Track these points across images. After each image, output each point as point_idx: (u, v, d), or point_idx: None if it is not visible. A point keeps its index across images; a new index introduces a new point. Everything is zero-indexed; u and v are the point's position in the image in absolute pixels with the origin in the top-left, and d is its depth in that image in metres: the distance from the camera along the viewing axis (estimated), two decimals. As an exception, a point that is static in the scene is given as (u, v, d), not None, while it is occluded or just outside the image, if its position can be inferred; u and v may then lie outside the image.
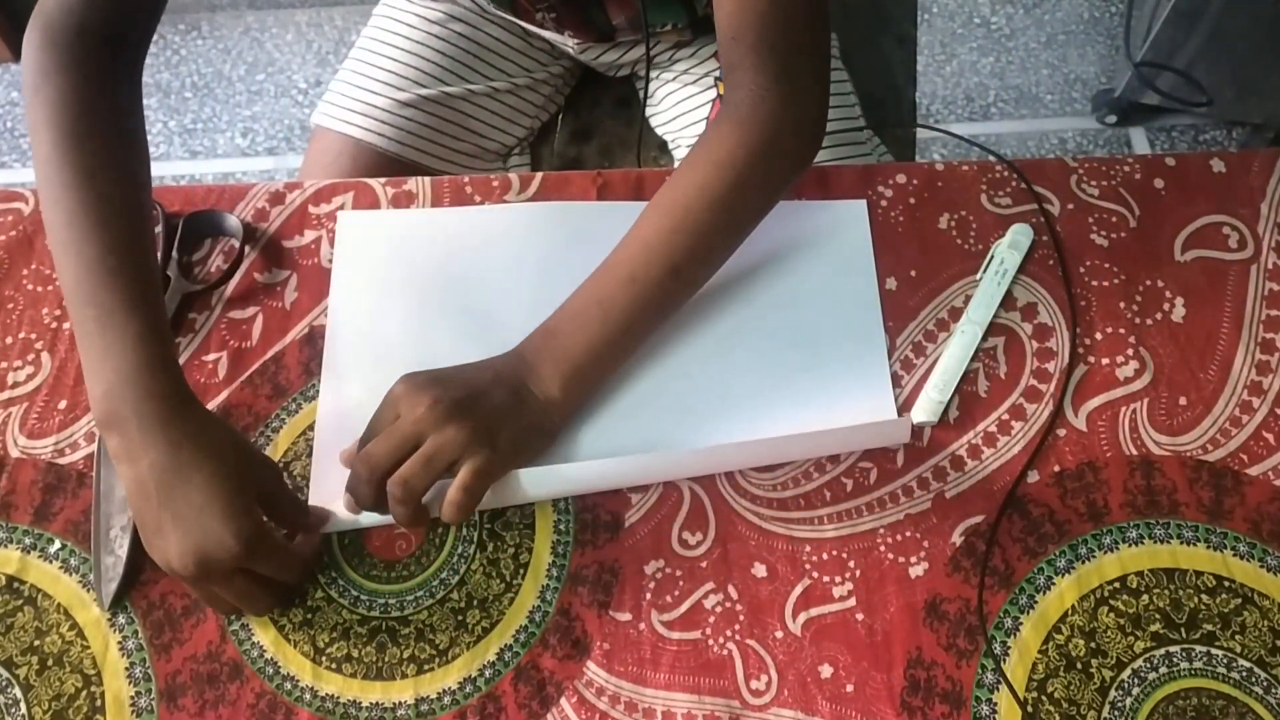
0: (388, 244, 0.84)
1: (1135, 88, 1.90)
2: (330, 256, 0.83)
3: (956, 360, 0.77)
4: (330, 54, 2.12)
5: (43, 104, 0.71)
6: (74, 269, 0.68)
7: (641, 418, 0.77)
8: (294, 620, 0.70)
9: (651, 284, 0.74)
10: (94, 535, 0.72)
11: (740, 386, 0.78)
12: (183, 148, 2.01)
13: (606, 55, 1.06)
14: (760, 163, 0.75)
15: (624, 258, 0.75)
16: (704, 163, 0.75)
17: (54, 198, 0.70)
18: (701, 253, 0.76)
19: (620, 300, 0.74)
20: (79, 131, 0.71)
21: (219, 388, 0.78)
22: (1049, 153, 1.97)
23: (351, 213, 0.85)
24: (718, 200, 0.74)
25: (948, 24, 2.13)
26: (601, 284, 0.75)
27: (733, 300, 0.81)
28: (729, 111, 0.76)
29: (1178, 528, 0.72)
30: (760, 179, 0.76)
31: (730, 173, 0.74)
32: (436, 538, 0.73)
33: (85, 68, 0.72)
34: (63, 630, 0.70)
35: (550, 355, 0.74)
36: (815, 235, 0.84)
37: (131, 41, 0.77)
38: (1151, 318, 0.79)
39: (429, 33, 1.03)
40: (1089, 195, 0.84)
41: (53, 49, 0.72)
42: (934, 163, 0.86)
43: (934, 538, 0.72)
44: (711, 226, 0.75)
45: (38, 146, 0.71)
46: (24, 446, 0.76)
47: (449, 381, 0.72)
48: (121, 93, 0.75)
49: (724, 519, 0.73)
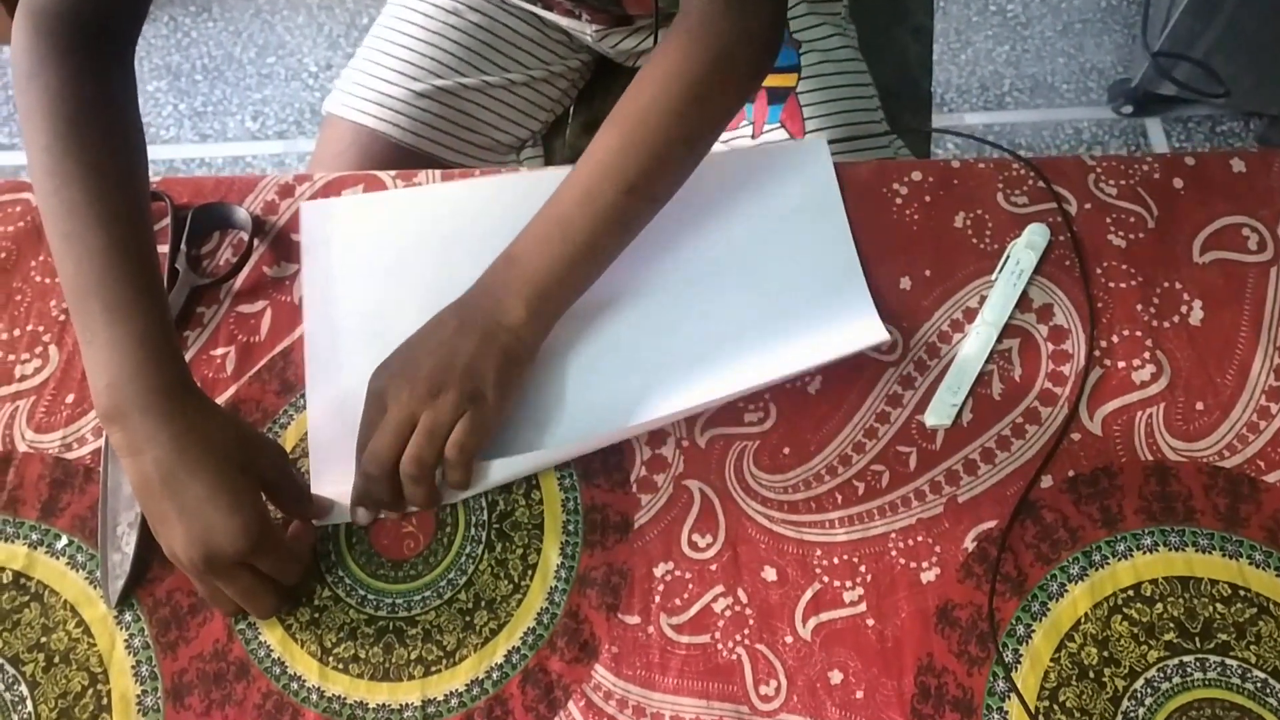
0: (354, 230, 0.84)
1: (1152, 78, 1.88)
2: (302, 257, 0.83)
3: (971, 362, 0.77)
4: (341, 37, 2.11)
5: (37, 94, 0.71)
6: (74, 262, 0.68)
7: (622, 376, 0.77)
8: (301, 620, 0.70)
9: (607, 202, 0.74)
10: (101, 532, 0.72)
11: (724, 334, 0.78)
12: (193, 131, 2.01)
13: (625, 42, 1.05)
14: (714, 75, 0.75)
15: (580, 177, 0.75)
16: (656, 77, 0.75)
17: (53, 188, 0.69)
18: (657, 168, 0.75)
19: (578, 220, 0.74)
20: (76, 122, 0.70)
21: (227, 383, 0.78)
22: (1064, 142, 1.95)
23: (313, 202, 0.85)
24: (671, 114, 0.74)
25: (963, 11, 2.11)
26: (560, 204, 0.75)
27: (705, 247, 0.82)
28: (681, 25, 0.75)
29: (1193, 535, 0.71)
30: (715, 92, 0.76)
31: (684, 86, 0.74)
32: (445, 537, 0.73)
33: (78, 57, 0.72)
34: (69, 627, 0.70)
35: (513, 282, 0.74)
36: (779, 176, 0.84)
37: (123, 29, 0.76)
38: (1169, 320, 0.78)
39: (445, 22, 1.02)
40: (1107, 195, 0.83)
41: (44, 38, 0.72)
42: (950, 160, 0.85)
43: (946, 543, 0.71)
44: (666, 141, 0.75)
45: (33, 137, 0.71)
46: (31, 440, 0.76)
47: (418, 353, 0.72)
48: (115, 81, 0.75)
49: (734, 521, 0.72)
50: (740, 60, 0.76)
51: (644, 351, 0.78)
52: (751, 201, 0.84)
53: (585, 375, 0.78)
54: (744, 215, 0.83)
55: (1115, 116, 1.97)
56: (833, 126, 0.96)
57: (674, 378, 0.77)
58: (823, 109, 0.96)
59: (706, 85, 0.75)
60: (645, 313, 0.80)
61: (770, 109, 0.96)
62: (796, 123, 0.95)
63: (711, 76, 0.75)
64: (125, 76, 0.75)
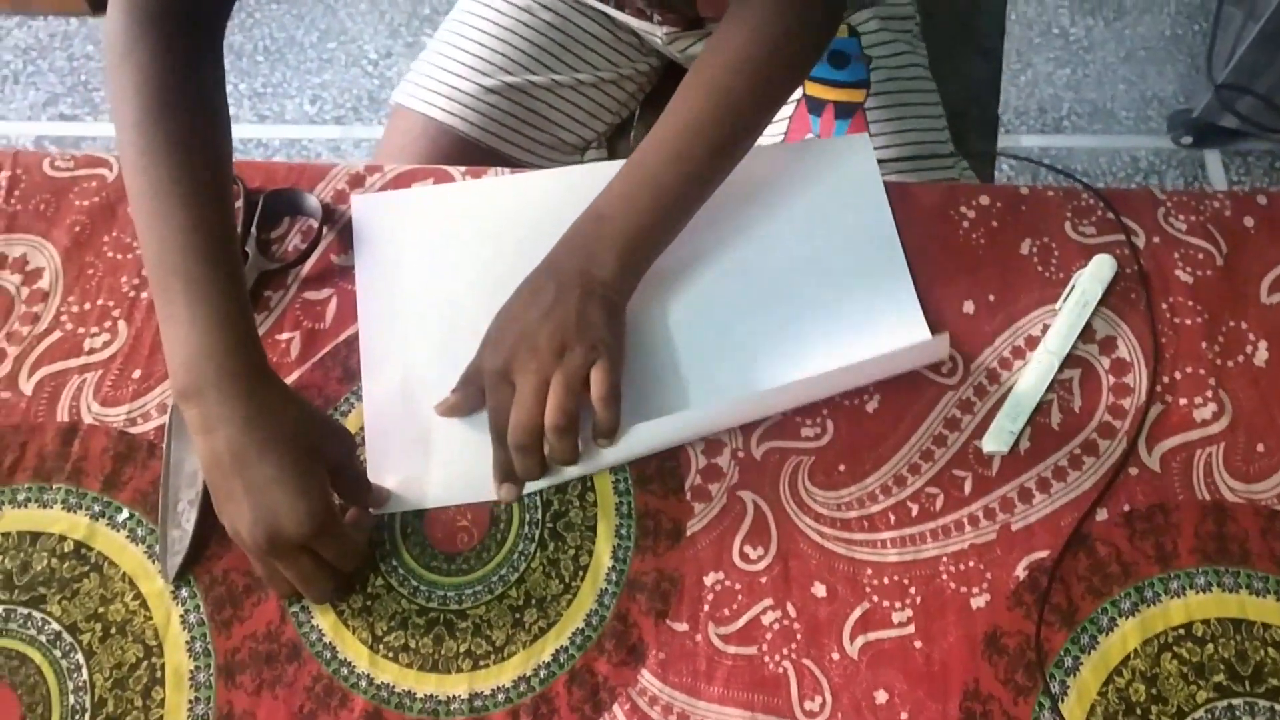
0: (406, 223, 0.85)
1: (1214, 110, 1.86)
2: (355, 250, 0.84)
3: (1031, 390, 0.76)
4: (402, 26, 2.13)
5: (130, 74, 0.72)
6: (159, 239, 0.69)
7: (679, 371, 0.79)
8: (353, 606, 0.71)
9: (697, 162, 0.78)
10: (161, 508, 0.73)
11: (770, 329, 0.80)
12: (251, 111, 2.03)
13: (694, 47, 1.05)
14: (793, 38, 0.79)
15: (669, 136, 0.78)
16: (739, 43, 0.78)
17: (140, 166, 0.71)
18: (742, 129, 0.80)
19: (666, 178, 0.77)
20: (166, 103, 0.72)
21: (291, 367, 0.79)
22: (1120, 170, 1.93)
23: (366, 195, 0.86)
24: (755, 76, 0.78)
25: (1025, 32, 2.10)
26: (647, 164, 0.78)
27: (749, 236, 0.83)
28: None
29: (1248, 577, 0.71)
30: (793, 52, 0.80)
31: (765, 53, 0.78)
32: (498, 533, 0.73)
33: (170, 39, 0.73)
34: (127, 599, 0.71)
35: (605, 239, 0.76)
36: (821, 171, 0.86)
37: (213, 13, 0.78)
38: (1233, 360, 0.78)
39: (517, 19, 1.03)
40: (1176, 230, 0.83)
41: (138, 20, 0.73)
42: (1019, 187, 0.85)
43: (997, 570, 0.71)
44: (750, 103, 0.79)
45: (123, 115, 0.72)
46: (97, 413, 0.77)
47: (527, 323, 0.74)
48: (205, 66, 0.76)
49: (786, 535, 0.73)
50: (817, 19, 0.80)
51: (695, 349, 0.80)
52: (795, 192, 0.85)
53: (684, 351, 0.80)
54: (788, 206, 0.85)
55: (1174, 147, 1.96)
56: (899, 145, 0.96)
57: (718, 385, 0.78)
58: (890, 126, 0.96)
59: (787, 46, 0.79)
60: (704, 298, 0.82)
61: (837, 123, 0.96)
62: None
63: (791, 38, 0.79)
64: (215, 60, 0.77)
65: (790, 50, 0.79)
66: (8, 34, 2.13)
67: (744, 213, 0.84)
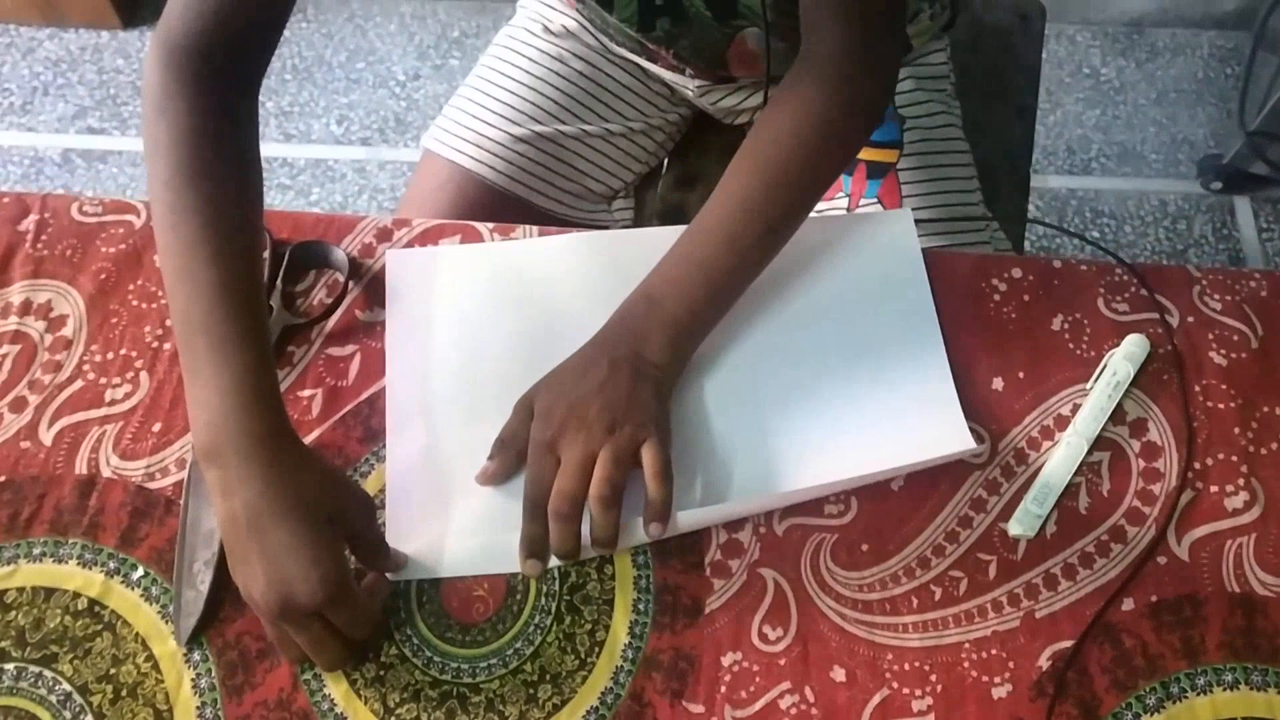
0: (439, 281, 0.84)
1: (1245, 156, 1.84)
2: (387, 306, 0.84)
3: (1059, 473, 0.75)
4: (431, 48, 2.13)
5: (165, 128, 0.72)
6: (186, 296, 0.69)
7: (713, 454, 0.78)
8: (366, 675, 0.70)
9: (750, 243, 0.77)
10: (177, 568, 0.72)
11: (806, 417, 0.78)
12: (278, 130, 2.03)
13: (726, 100, 1.04)
14: (842, 122, 0.79)
15: (721, 218, 0.78)
16: (791, 122, 0.78)
17: (170, 223, 0.70)
18: (795, 209, 0.79)
19: (721, 261, 0.77)
20: (199, 160, 0.72)
21: (312, 425, 0.78)
22: (1148, 214, 1.91)
23: (401, 251, 0.85)
24: (807, 159, 0.78)
25: (1055, 71, 2.08)
26: (701, 246, 0.77)
27: (787, 316, 0.82)
28: (809, 69, 0.78)
29: (1276, 676, 0.69)
30: (845, 134, 0.80)
31: (819, 129, 0.78)
32: (515, 604, 0.72)
33: (205, 93, 0.73)
34: (139, 661, 0.70)
35: (657, 322, 0.76)
36: (862, 246, 0.85)
37: (251, 66, 0.77)
38: (1267, 447, 0.77)
39: (549, 68, 1.02)
40: (1211, 309, 0.82)
41: (174, 73, 0.73)
42: (1052, 259, 0.84)
43: (1020, 658, 0.70)
44: (802, 183, 0.78)
45: (156, 171, 0.72)
46: (116, 466, 0.77)
47: (580, 395, 0.74)
48: (240, 119, 0.76)
49: (806, 615, 0.72)
50: (869, 102, 0.80)
51: (726, 425, 0.79)
52: (835, 269, 0.84)
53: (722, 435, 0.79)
54: (828, 282, 0.83)
55: (1203, 192, 1.94)
56: (930, 206, 0.95)
57: (747, 466, 0.77)
58: (921, 187, 0.95)
59: (840, 128, 0.79)
60: (741, 380, 0.80)
61: (869, 183, 0.95)
62: (894, 199, 0.95)
63: (843, 117, 0.78)
64: (250, 113, 0.77)
65: (844, 128, 0.79)
66: (39, 45, 2.14)
67: (783, 287, 0.83)
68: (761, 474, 0.76)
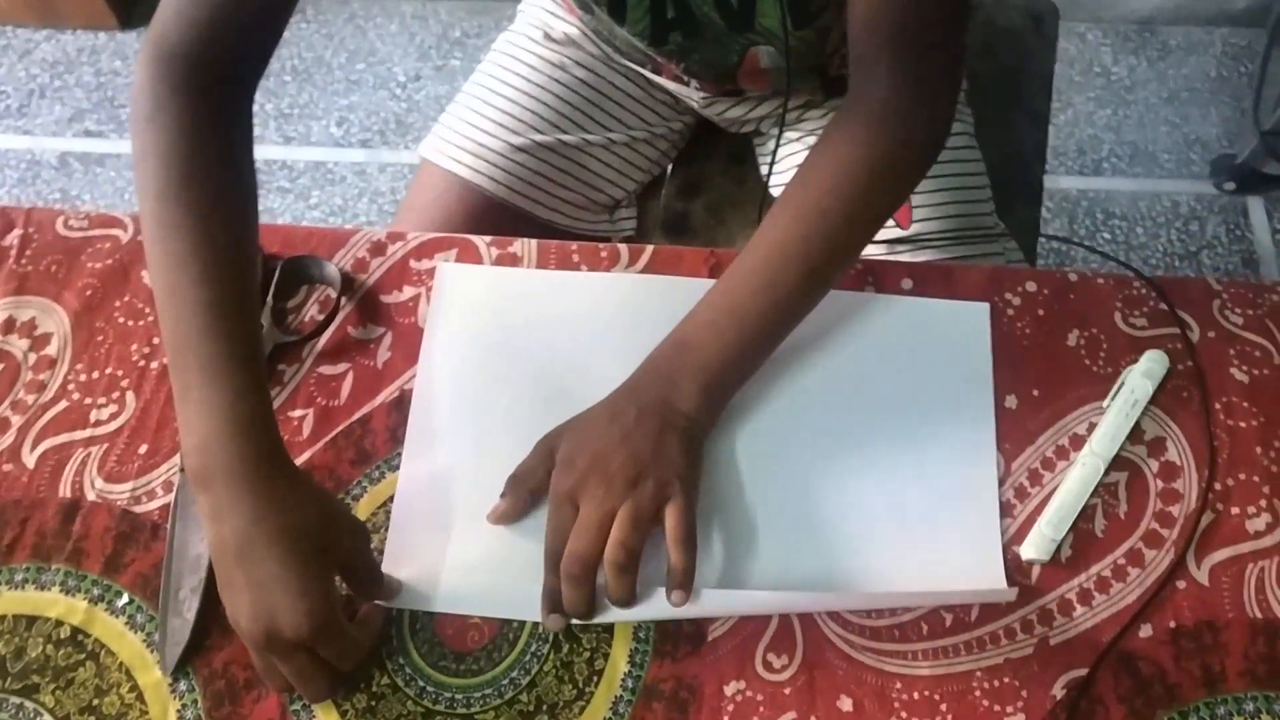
0: (487, 301, 0.82)
1: (1259, 155, 1.82)
2: (427, 317, 0.81)
3: (1074, 495, 0.73)
4: (432, 49, 2.10)
5: (154, 138, 0.70)
6: (175, 315, 0.67)
7: (746, 528, 0.73)
8: (357, 706, 0.68)
9: (788, 290, 0.73)
10: (163, 595, 0.70)
11: (842, 503, 0.74)
12: (277, 132, 2.01)
13: (732, 111, 1.02)
14: (892, 163, 0.74)
15: (758, 263, 0.73)
16: (836, 163, 0.74)
17: (161, 237, 0.68)
18: (837, 256, 0.75)
19: (756, 308, 0.73)
20: (190, 173, 0.69)
21: (303, 446, 0.76)
22: (1160, 215, 1.88)
23: (453, 265, 0.83)
24: (852, 202, 0.73)
25: (1066, 70, 2.05)
26: (735, 292, 0.73)
27: (843, 403, 0.77)
28: (858, 108, 0.74)
29: (1300, 706, 0.67)
30: (892, 180, 0.75)
31: (864, 173, 0.73)
32: (511, 632, 0.70)
33: (198, 103, 0.71)
34: (123, 691, 0.68)
35: (687, 368, 0.72)
36: (931, 337, 0.79)
37: (246, 74, 0.75)
38: (1289, 467, 0.74)
39: (550, 76, 1.00)
40: (1232, 324, 0.79)
41: (165, 80, 0.71)
42: (1068, 272, 0.81)
43: (1033, 687, 0.68)
44: (846, 229, 0.74)
45: (145, 184, 0.70)
46: (101, 489, 0.75)
47: (602, 446, 0.70)
48: (235, 129, 0.74)
49: (812, 643, 0.69)
50: (919, 149, 0.76)
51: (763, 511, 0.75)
52: (897, 354, 0.79)
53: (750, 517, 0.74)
54: (887, 369, 0.78)
55: (1216, 192, 1.91)
56: (942, 218, 0.92)
57: (776, 563, 0.73)
58: (934, 198, 0.93)
59: (886, 174, 0.74)
60: (778, 454, 0.76)
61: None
62: (904, 213, 0.92)
63: (891, 165, 0.74)
64: (243, 124, 0.74)
65: (893, 171, 0.74)
66: (35, 47, 2.12)
67: (839, 360, 0.78)
68: (785, 565, 0.72)
